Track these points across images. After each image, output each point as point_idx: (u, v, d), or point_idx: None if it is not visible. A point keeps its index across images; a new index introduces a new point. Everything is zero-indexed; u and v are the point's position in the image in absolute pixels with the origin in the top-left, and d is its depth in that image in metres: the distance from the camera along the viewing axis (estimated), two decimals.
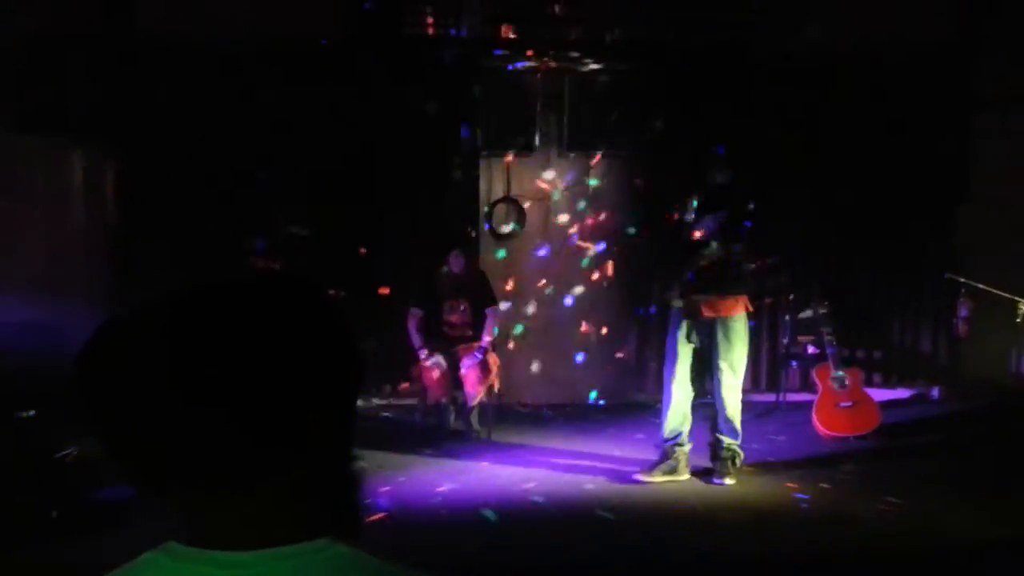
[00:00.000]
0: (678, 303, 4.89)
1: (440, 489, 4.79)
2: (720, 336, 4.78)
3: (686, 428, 4.91)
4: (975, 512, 4.38)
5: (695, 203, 4.87)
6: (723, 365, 4.80)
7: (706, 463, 4.96)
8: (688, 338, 4.82)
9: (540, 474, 5.07)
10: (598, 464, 5.27)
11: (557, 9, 6.62)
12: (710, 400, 4.95)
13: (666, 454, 4.90)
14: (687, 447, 4.92)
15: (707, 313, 4.78)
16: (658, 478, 4.84)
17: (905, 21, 6.66)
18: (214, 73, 6.21)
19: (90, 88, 6.06)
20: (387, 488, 4.71)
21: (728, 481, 4.79)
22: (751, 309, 4.93)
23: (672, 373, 4.88)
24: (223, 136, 6.26)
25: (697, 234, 4.84)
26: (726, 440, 4.87)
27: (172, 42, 6.19)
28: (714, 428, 4.90)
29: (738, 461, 4.90)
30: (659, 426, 4.99)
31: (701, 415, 5.01)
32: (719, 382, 4.83)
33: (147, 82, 6.19)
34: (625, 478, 4.93)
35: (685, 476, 4.89)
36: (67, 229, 6.28)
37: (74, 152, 6.32)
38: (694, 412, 4.94)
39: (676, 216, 4.95)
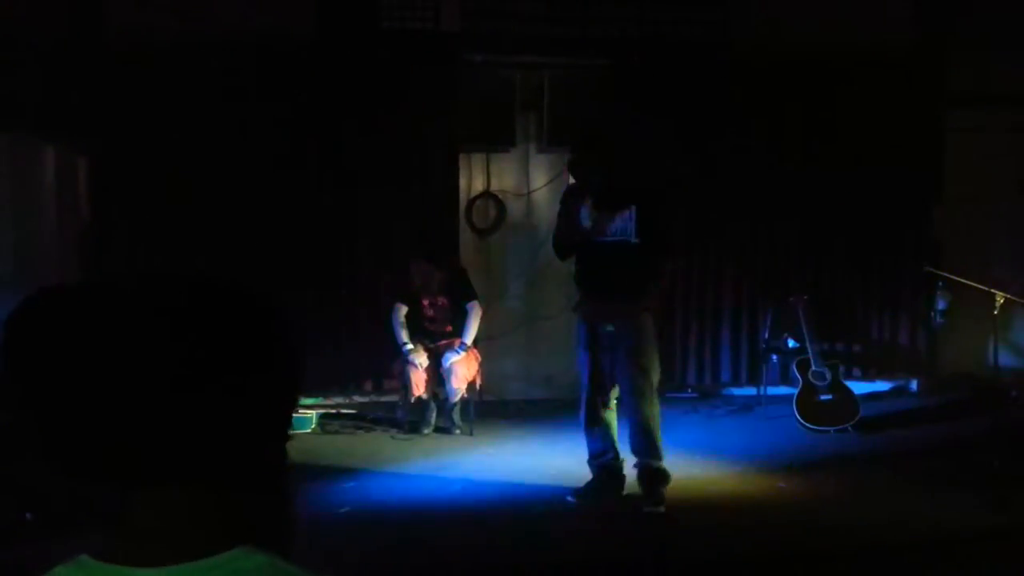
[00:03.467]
0: (581, 311, 4.47)
1: (422, 486, 4.76)
2: (624, 341, 4.28)
3: (612, 442, 4.48)
4: (956, 502, 4.42)
5: (590, 201, 4.34)
6: (632, 374, 4.28)
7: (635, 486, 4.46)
8: (596, 346, 4.36)
9: (523, 470, 5.05)
10: (579, 458, 5.25)
11: (536, 5, 6.59)
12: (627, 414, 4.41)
13: (598, 473, 4.50)
14: (620, 462, 4.50)
15: (612, 318, 4.31)
16: (591, 500, 4.41)
17: (878, 19, 6.71)
18: (187, 69, 6.11)
19: (61, 85, 5.96)
20: (368, 485, 4.68)
21: (660, 509, 4.26)
22: (657, 309, 4.43)
23: (587, 386, 4.42)
24: (196, 133, 6.17)
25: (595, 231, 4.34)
26: (651, 463, 4.33)
27: (144, 38, 6.09)
28: (635, 450, 4.36)
29: (667, 482, 4.37)
30: (585, 445, 4.53)
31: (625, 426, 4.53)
32: (631, 393, 4.30)
33: (119, 79, 6.08)
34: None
35: (621, 494, 4.47)
36: (38, 228, 6.18)
37: (45, 150, 6.22)
38: (618, 424, 4.51)
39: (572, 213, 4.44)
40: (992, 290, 5.80)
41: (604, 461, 4.49)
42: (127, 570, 0.76)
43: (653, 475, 4.33)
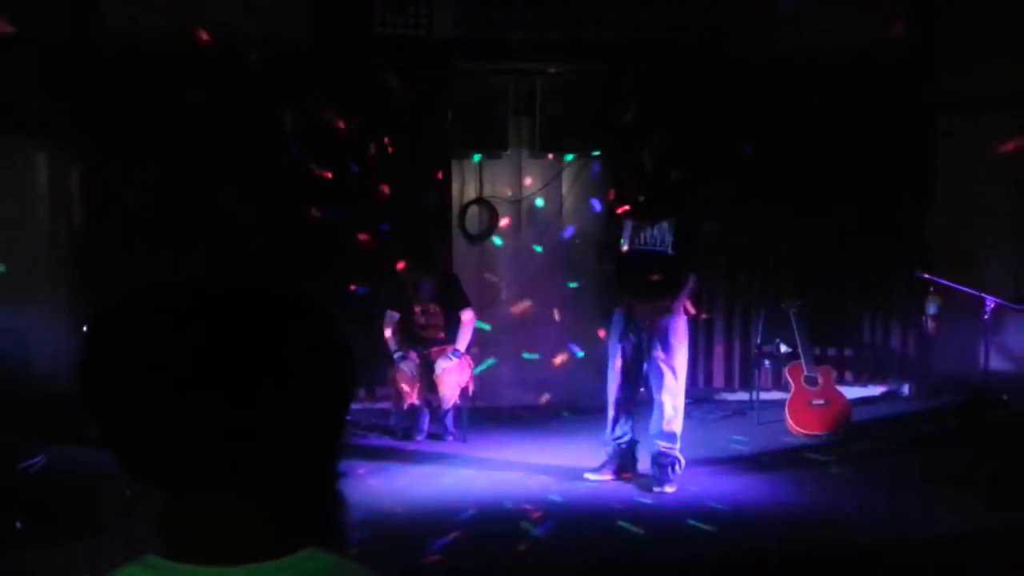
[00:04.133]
0: (620, 306, 4.93)
1: (415, 492, 4.75)
2: (661, 339, 4.77)
3: (631, 426, 4.93)
4: (948, 504, 4.43)
5: (630, 215, 4.93)
6: (664, 368, 4.77)
7: (647, 469, 4.90)
8: (629, 340, 4.84)
9: (516, 476, 5.05)
10: (574, 466, 5.27)
11: (528, 10, 6.61)
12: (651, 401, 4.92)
13: (614, 453, 4.94)
14: (635, 445, 4.96)
15: (648, 316, 4.80)
16: (606, 476, 4.89)
17: (871, 22, 6.74)
18: (181, 73, 6.11)
19: (54, 89, 5.95)
20: (363, 492, 4.66)
21: (668, 489, 4.71)
22: (692, 312, 4.96)
23: (615, 374, 4.89)
24: (190, 137, 6.17)
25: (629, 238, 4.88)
26: (663, 445, 4.79)
27: (138, 42, 6.09)
28: (655, 435, 4.84)
29: (679, 468, 4.82)
30: (605, 426, 4.98)
31: (645, 413, 4.98)
32: (660, 386, 4.79)
33: (112, 82, 6.08)
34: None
35: (632, 473, 4.93)
36: (31, 232, 6.16)
37: (38, 154, 6.20)
38: (638, 411, 4.99)
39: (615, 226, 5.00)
40: (983, 294, 5.83)
41: (623, 443, 4.93)
42: (198, 569, 0.76)
43: (667, 460, 4.80)
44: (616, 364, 4.87)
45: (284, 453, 0.78)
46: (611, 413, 4.92)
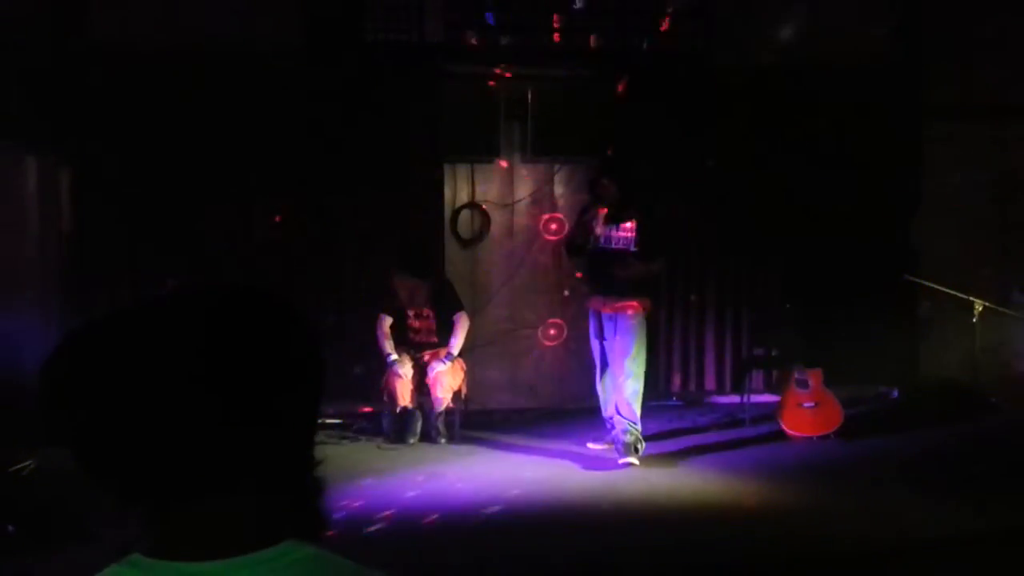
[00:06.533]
0: (591, 303, 5.46)
1: (408, 495, 4.76)
2: (620, 331, 5.27)
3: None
4: (937, 508, 4.46)
5: (602, 215, 5.31)
6: (624, 358, 5.26)
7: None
8: (601, 335, 5.38)
9: (507, 478, 5.06)
10: (564, 467, 5.28)
11: (520, 16, 6.63)
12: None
13: (610, 428, 5.45)
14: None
15: (612, 312, 5.29)
16: (599, 447, 5.55)
17: (855, 32, 6.79)
18: (170, 80, 6.11)
19: (43, 94, 5.94)
20: (354, 495, 4.67)
21: (632, 460, 5.19)
22: (648, 308, 5.37)
23: (599, 365, 5.45)
24: (179, 143, 6.16)
25: (607, 239, 5.31)
26: (621, 425, 5.28)
27: (127, 48, 6.08)
28: (619, 414, 5.30)
29: (640, 447, 5.29)
30: (601, 408, 5.52)
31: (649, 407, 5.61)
32: (621, 371, 5.28)
33: (101, 88, 6.07)
34: (590, 477, 5.03)
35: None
36: (21, 237, 6.14)
37: (27, 159, 6.19)
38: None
39: (590, 227, 5.36)
40: (971, 298, 5.87)
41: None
42: (182, 565, 0.77)
43: (631, 435, 5.29)
44: (599, 358, 5.41)
45: (271, 455, 0.80)
46: (601, 397, 5.46)
